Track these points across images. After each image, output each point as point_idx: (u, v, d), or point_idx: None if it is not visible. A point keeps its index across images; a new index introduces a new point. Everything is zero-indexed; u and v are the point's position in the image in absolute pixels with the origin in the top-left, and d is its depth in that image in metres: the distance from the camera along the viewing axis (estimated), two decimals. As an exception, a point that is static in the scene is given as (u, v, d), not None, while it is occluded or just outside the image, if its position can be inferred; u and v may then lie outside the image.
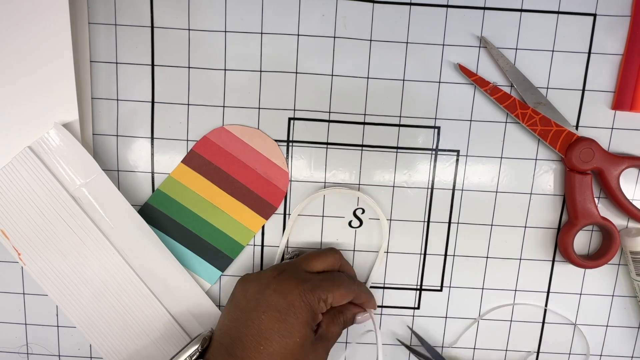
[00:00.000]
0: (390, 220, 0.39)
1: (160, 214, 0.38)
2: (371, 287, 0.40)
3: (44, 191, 0.35)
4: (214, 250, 0.39)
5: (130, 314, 0.37)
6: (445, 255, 0.39)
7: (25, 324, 0.40)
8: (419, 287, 0.40)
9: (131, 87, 0.37)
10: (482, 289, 0.40)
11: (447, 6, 0.36)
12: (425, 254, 0.39)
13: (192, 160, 0.38)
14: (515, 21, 0.36)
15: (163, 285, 0.37)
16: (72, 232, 0.36)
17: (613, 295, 0.40)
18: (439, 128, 0.38)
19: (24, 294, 0.40)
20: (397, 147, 0.38)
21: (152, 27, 0.36)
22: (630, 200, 0.38)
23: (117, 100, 0.37)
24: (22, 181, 0.35)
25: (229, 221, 0.38)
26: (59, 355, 0.41)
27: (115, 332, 0.37)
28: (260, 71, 0.37)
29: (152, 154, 0.38)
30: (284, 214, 0.39)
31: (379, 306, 0.40)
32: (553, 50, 0.37)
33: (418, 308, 0.40)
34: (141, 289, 0.37)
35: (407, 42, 0.36)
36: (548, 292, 0.40)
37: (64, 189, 0.35)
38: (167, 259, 0.37)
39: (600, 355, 0.41)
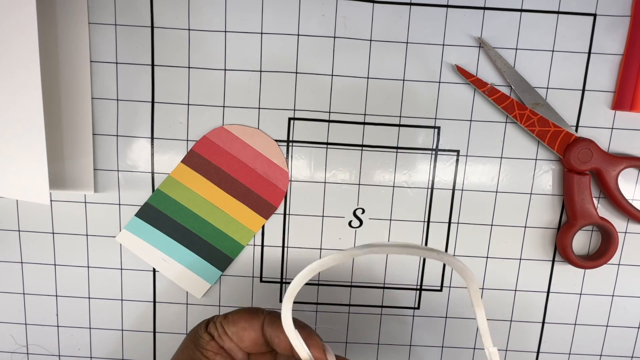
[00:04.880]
0: (390, 220, 0.39)
1: (160, 214, 0.38)
2: (372, 287, 0.40)
3: None
4: (214, 250, 0.39)
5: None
6: (445, 255, 0.39)
7: (25, 324, 0.40)
8: (419, 287, 0.40)
9: (131, 87, 0.37)
10: (482, 288, 0.40)
11: (447, 6, 0.36)
12: (425, 254, 0.39)
13: (192, 160, 0.38)
14: (515, 21, 0.36)
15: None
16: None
17: (613, 295, 0.40)
18: (439, 128, 0.38)
19: (24, 294, 0.40)
20: (397, 147, 0.38)
21: (152, 27, 0.36)
22: (629, 201, 0.38)
23: (117, 100, 0.37)
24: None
25: (229, 221, 0.38)
26: (59, 355, 0.41)
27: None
28: (260, 71, 0.37)
29: (152, 154, 0.38)
30: (284, 214, 0.39)
31: (379, 306, 0.40)
32: (553, 50, 0.37)
33: (418, 308, 0.40)
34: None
35: (407, 42, 0.36)
36: (548, 292, 0.40)
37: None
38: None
39: (600, 355, 0.41)
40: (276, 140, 0.38)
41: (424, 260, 0.39)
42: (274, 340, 0.27)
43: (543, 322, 0.41)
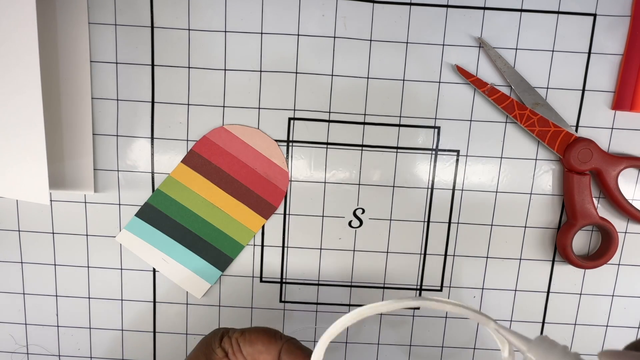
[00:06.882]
0: (390, 220, 0.39)
1: (160, 214, 0.38)
2: (372, 287, 0.40)
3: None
4: (214, 250, 0.39)
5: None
6: (445, 255, 0.39)
7: (25, 324, 0.40)
8: (419, 287, 0.40)
9: (131, 87, 0.37)
10: (482, 289, 0.40)
11: (447, 6, 0.36)
12: (425, 254, 0.39)
13: (192, 160, 0.38)
14: (515, 21, 0.36)
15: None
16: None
17: (613, 295, 0.40)
18: (439, 128, 0.38)
19: (24, 294, 0.40)
20: (397, 147, 0.38)
21: (152, 27, 0.36)
22: (629, 201, 0.38)
23: (117, 100, 0.37)
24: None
25: (229, 221, 0.38)
26: (59, 355, 0.41)
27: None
28: (260, 71, 0.37)
29: (152, 154, 0.38)
30: (284, 214, 0.39)
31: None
32: (553, 50, 0.37)
33: (418, 308, 0.40)
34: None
35: (407, 42, 0.36)
36: (548, 292, 0.40)
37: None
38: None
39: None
40: (276, 140, 0.38)
41: (424, 260, 0.39)
42: None
43: (543, 322, 0.41)
